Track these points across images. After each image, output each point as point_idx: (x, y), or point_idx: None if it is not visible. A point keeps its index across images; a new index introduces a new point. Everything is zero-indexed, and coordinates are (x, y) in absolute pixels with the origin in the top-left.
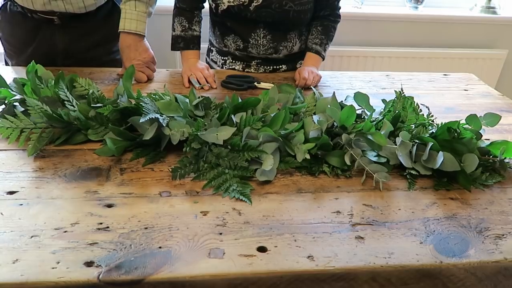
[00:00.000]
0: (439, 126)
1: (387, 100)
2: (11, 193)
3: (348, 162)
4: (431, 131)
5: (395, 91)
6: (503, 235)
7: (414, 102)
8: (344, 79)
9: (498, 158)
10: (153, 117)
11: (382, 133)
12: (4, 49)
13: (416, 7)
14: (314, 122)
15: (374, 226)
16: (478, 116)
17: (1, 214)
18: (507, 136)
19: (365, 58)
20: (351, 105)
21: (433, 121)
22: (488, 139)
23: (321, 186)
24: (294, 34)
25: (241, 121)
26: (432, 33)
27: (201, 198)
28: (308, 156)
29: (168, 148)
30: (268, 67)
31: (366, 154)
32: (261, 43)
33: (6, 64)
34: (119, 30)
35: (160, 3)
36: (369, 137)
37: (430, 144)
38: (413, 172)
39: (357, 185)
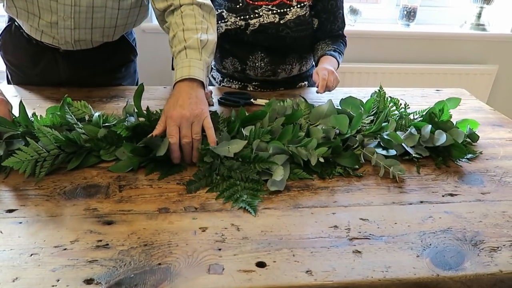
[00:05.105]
0: (421, 113)
1: (365, 101)
2: (10, 211)
3: (362, 160)
4: (416, 118)
5: (376, 90)
6: (498, 247)
7: (389, 96)
8: (339, 95)
9: (467, 132)
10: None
11: (391, 131)
12: (6, 65)
13: (408, 25)
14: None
15: (371, 240)
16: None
17: (1, 232)
18: (499, 150)
19: (359, 74)
20: (360, 112)
21: (407, 108)
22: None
23: (318, 201)
24: (293, 57)
25: (251, 134)
26: (424, 50)
27: (199, 215)
28: (322, 159)
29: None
30: (266, 90)
31: (376, 152)
32: (259, 66)
33: (8, 81)
34: (173, 85)
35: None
36: (386, 136)
37: (429, 126)
38: (417, 156)
39: (353, 200)
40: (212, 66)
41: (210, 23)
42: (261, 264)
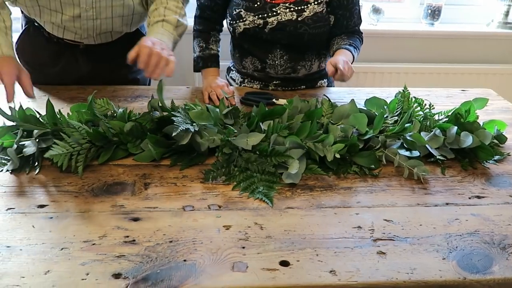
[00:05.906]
0: (446, 113)
1: (389, 102)
2: (41, 206)
3: (384, 161)
4: (441, 119)
5: (400, 91)
6: None
7: (413, 97)
8: (362, 95)
9: (495, 133)
10: (184, 128)
11: (415, 132)
12: (24, 67)
13: (432, 24)
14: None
15: (395, 242)
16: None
17: (33, 226)
18: None
19: (382, 74)
20: (382, 112)
21: (432, 109)
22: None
23: (341, 202)
24: (312, 53)
25: (269, 129)
26: (449, 49)
27: (223, 213)
28: (338, 155)
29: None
30: (287, 88)
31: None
32: (279, 64)
33: None
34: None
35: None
36: (408, 137)
37: (455, 128)
38: (441, 157)
39: (377, 201)
40: (231, 67)
41: (185, 12)
42: (284, 263)
